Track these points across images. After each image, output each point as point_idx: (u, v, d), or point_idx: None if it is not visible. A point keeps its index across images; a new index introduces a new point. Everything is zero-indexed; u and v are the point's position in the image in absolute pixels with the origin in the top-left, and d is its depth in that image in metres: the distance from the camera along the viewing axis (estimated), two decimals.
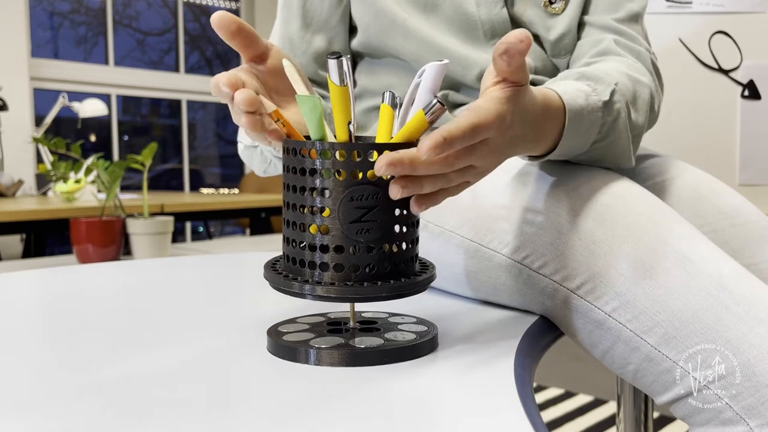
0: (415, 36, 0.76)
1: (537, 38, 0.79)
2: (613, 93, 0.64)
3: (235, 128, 0.73)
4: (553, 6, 0.78)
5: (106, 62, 4.51)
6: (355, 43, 0.82)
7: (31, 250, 2.88)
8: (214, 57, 5.25)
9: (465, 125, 0.46)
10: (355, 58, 0.84)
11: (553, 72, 0.80)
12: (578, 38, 0.80)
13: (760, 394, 0.52)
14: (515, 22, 0.78)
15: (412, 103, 0.51)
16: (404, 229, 0.51)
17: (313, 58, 0.81)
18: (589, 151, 0.65)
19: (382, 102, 0.51)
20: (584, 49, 0.78)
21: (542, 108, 0.56)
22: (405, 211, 0.50)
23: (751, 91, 1.46)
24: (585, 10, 0.80)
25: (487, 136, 0.49)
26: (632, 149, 0.68)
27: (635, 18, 0.80)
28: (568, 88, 0.61)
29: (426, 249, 0.70)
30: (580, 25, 0.80)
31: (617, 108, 0.64)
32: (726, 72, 1.47)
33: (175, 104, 4.93)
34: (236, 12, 5.17)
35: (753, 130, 1.46)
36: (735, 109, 1.47)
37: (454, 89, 0.78)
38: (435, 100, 0.49)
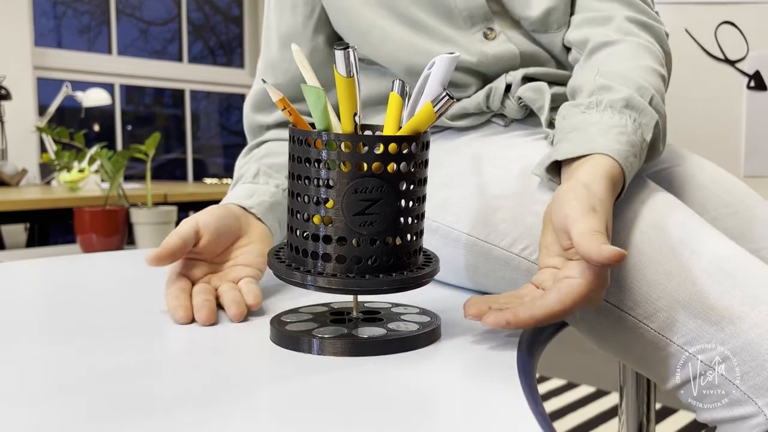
0: (391, 35, 0.73)
1: (519, 22, 0.74)
2: (656, 125, 0.62)
3: (238, 118, 0.73)
4: None
5: (109, 52, 4.50)
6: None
7: (35, 240, 2.89)
8: (217, 47, 5.24)
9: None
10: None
11: (546, 57, 0.75)
12: (573, 10, 0.74)
13: (767, 372, 0.51)
14: (494, 4, 0.74)
15: (422, 95, 0.51)
16: (409, 221, 0.51)
17: (293, 76, 0.80)
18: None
19: (392, 90, 0.51)
20: (591, 29, 0.71)
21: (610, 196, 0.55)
22: (410, 204, 0.50)
23: (757, 82, 1.45)
24: None
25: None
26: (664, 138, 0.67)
27: None
28: (618, 144, 0.58)
29: (424, 244, 0.70)
30: None
31: (661, 126, 0.63)
32: (732, 63, 1.46)
33: (178, 94, 4.92)
34: (240, 3, 5.14)
35: (759, 122, 1.46)
36: (741, 100, 1.46)
37: None
38: (444, 93, 0.48)
